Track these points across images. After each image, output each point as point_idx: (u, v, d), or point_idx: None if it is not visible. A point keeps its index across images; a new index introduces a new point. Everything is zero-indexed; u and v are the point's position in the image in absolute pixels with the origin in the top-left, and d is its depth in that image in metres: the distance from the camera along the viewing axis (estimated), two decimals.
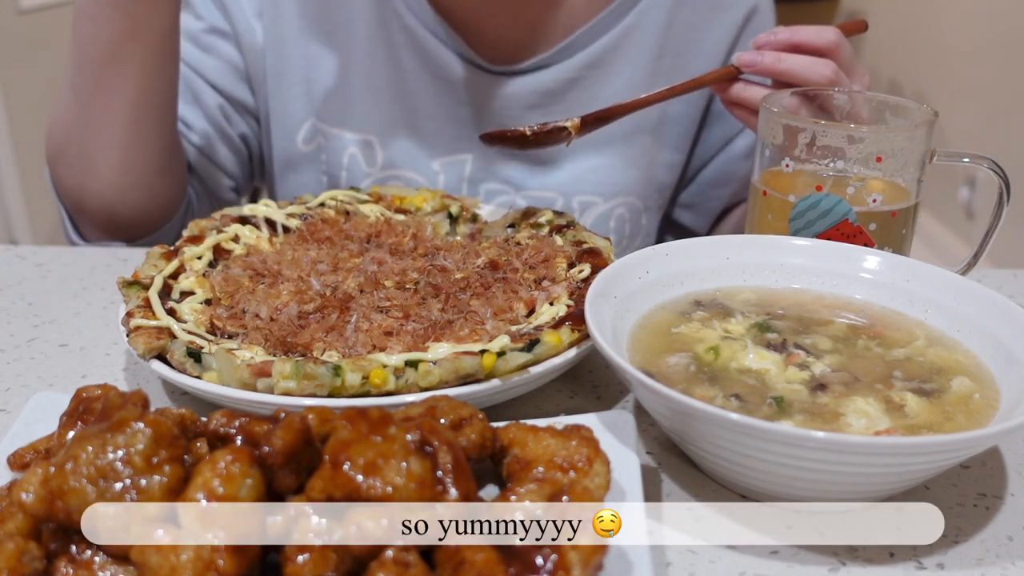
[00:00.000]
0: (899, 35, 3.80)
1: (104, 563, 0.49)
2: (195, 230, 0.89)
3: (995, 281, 1.02)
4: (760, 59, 0.90)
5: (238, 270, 0.83)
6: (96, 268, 1.02)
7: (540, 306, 0.77)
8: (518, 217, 0.96)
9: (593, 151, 1.16)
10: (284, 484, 0.50)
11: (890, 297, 0.76)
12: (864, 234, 0.80)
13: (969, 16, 3.23)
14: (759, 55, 0.90)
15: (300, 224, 0.93)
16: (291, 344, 0.72)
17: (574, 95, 1.16)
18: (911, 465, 0.57)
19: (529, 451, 0.57)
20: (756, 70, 0.91)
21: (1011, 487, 0.66)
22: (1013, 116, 2.93)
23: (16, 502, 0.49)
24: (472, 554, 0.47)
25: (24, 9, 3.03)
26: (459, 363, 0.66)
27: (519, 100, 1.15)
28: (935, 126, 0.81)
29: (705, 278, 0.78)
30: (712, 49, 1.18)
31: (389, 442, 0.49)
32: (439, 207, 0.97)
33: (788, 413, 0.62)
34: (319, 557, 0.47)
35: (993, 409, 0.63)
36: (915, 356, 0.70)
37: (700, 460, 0.65)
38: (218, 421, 0.54)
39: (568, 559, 0.47)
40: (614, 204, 1.19)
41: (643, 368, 0.66)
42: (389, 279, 0.81)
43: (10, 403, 0.76)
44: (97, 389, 0.59)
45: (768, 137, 0.84)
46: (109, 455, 0.49)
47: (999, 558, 0.59)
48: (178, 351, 0.70)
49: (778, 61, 0.90)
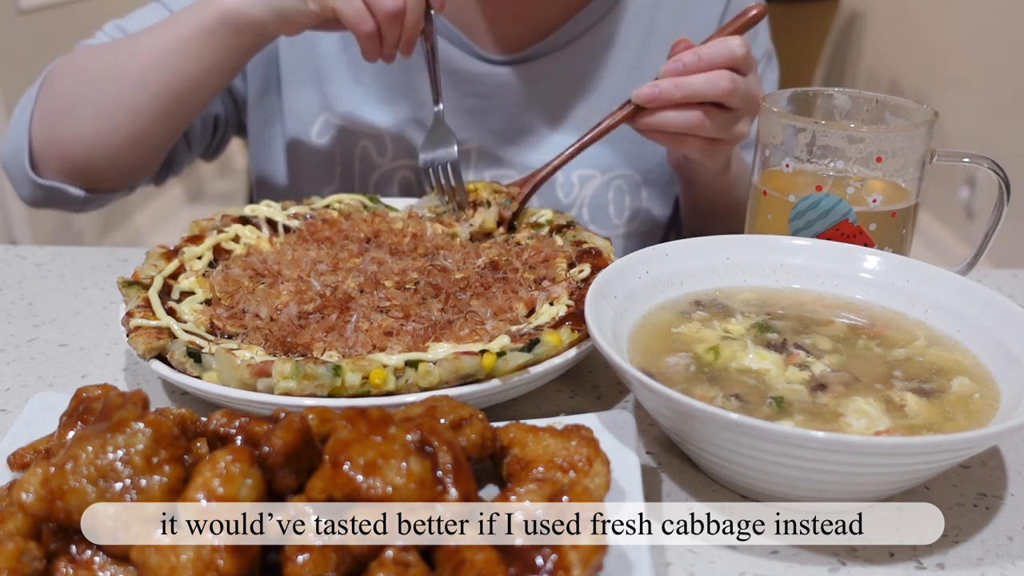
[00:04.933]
0: (899, 35, 3.80)
1: (104, 563, 0.49)
2: (195, 230, 0.89)
3: (995, 281, 1.02)
4: (657, 92, 0.92)
5: (238, 270, 0.83)
6: (96, 268, 1.02)
7: (540, 306, 0.77)
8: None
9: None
10: (284, 484, 0.50)
11: (890, 297, 0.76)
12: (864, 234, 0.80)
13: (969, 16, 3.23)
14: (655, 88, 0.92)
15: (300, 224, 0.93)
16: (291, 344, 0.72)
17: (572, 79, 1.19)
18: (911, 465, 0.57)
19: (529, 451, 0.57)
20: (658, 103, 0.93)
21: (1011, 487, 0.66)
22: (1013, 116, 2.93)
23: (16, 502, 0.49)
24: (472, 554, 0.47)
25: (24, 9, 3.04)
26: (459, 363, 0.66)
27: (520, 88, 1.18)
28: (935, 126, 0.81)
29: (705, 278, 0.78)
30: (698, 26, 1.20)
31: (389, 442, 0.49)
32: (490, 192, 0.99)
33: (788, 413, 0.62)
34: (319, 557, 0.47)
35: (993, 409, 0.63)
36: (915, 356, 0.70)
37: (700, 460, 0.65)
38: (218, 421, 0.54)
39: (568, 559, 0.47)
40: (611, 176, 1.21)
41: (643, 368, 0.66)
42: (389, 279, 0.81)
43: (10, 403, 0.76)
44: (97, 389, 0.59)
45: (768, 137, 0.84)
46: (109, 455, 0.49)
47: (999, 558, 0.59)
48: (178, 351, 0.70)
49: (676, 88, 0.92)
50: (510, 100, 1.19)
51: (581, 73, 1.20)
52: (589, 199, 1.20)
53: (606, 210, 1.21)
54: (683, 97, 0.92)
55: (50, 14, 3.17)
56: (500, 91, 1.19)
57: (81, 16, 3.33)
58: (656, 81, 0.93)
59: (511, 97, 1.19)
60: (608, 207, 1.21)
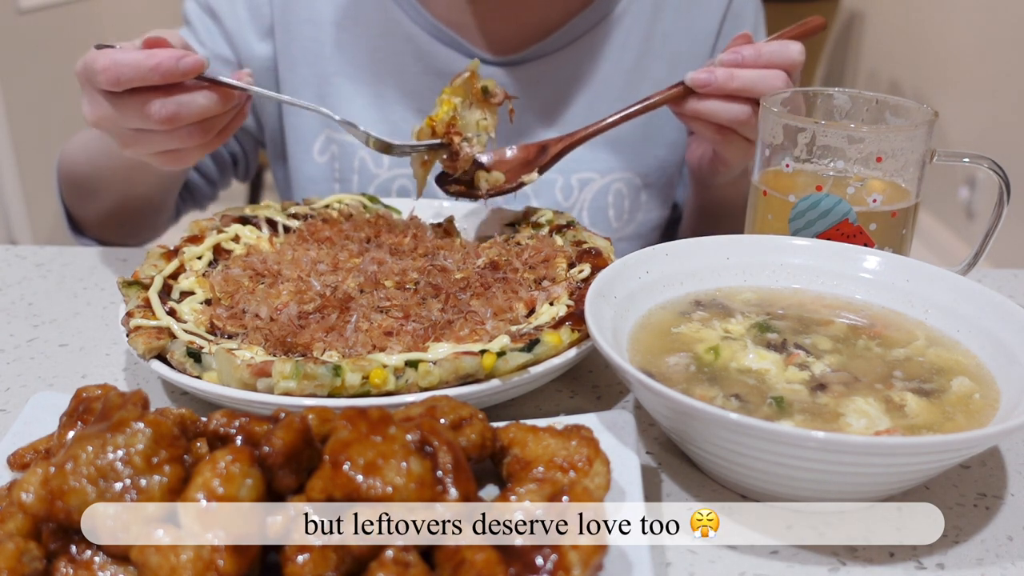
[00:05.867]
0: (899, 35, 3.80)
1: (104, 563, 0.49)
2: (195, 230, 0.89)
3: (995, 281, 1.02)
4: (713, 78, 0.90)
5: (238, 270, 0.83)
6: (96, 268, 1.02)
7: (540, 306, 0.77)
8: (518, 217, 0.96)
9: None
10: (284, 484, 0.50)
11: (890, 297, 0.76)
12: (864, 234, 0.80)
13: (969, 16, 3.23)
14: (711, 74, 0.91)
15: (300, 224, 0.93)
16: (291, 344, 0.72)
17: (570, 81, 1.19)
18: (911, 465, 0.57)
19: (529, 451, 0.57)
20: (710, 90, 0.91)
21: (1011, 487, 0.66)
22: (1013, 116, 2.93)
23: (16, 502, 0.49)
24: (472, 554, 0.47)
25: (24, 9, 3.04)
26: (459, 363, 0.66)
27: (518, 90, 1.18)
28: (935, 126, 0.81)
29: (705, 278, 0.78)
30: (700, 29, 1.20)
31: (389, 442, 0.49)
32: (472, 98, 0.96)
33: (788, 413, 0.62)
34: (319, 557, 0.47)
35: (993, 409, 0.63)
36: (915, 356, 0.70)
37: (700, 460, 0.65)
38: (218, 421, 0.54)
39: (568, 559, 0.47)
40: (611, 179, 1.20)
41: (643, 368, 0.66)
42: (389, 279, 0.81)
43: (10, 403, 0.76)
44: (97, 389, 0.59)
45: (768, 137, 0.84)
46: (109, 455, 0.49)
47: (999, 558, 0.59)
48: (178, 351, 0.70)
49: (731, 79, 0.90)
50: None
51: (578, 76, 1.19)
52: (589, 202, 1.20)
53: (605, 213, 1.21)
54: (736, 89, 0.90)
55: (50, 14, 3.17)
56: None
57: (81, 16, 3.33)
58: (711, 67, 0.91)
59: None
60: (608, 210, 1.21)
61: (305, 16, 1.18)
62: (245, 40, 1.19)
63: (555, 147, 0.96)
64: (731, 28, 1.21)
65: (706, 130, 0.95)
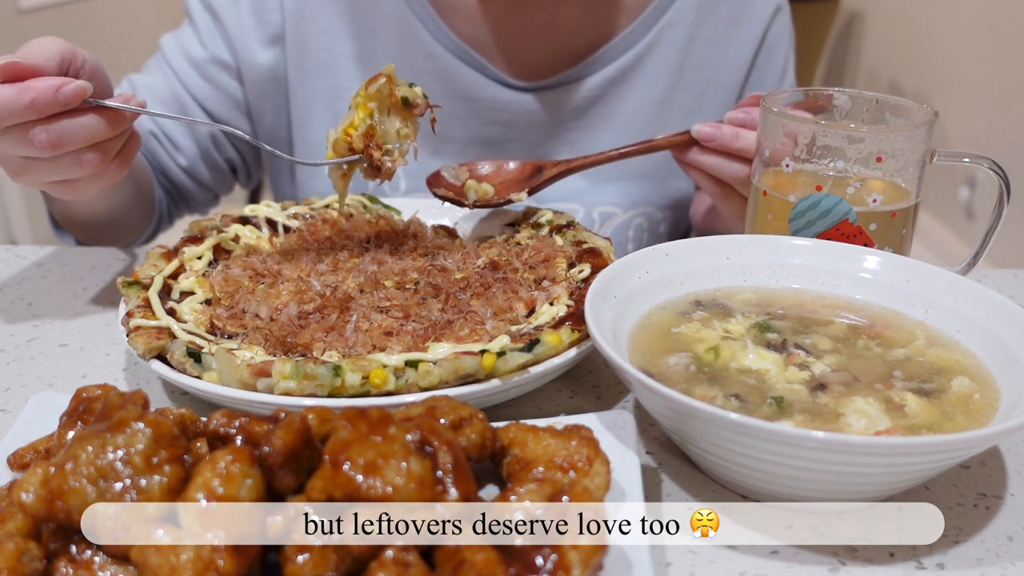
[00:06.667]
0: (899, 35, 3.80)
1: (104, 563, 0.49)
2: (195, 230, 0.89)
3: (995, 281, 1.02)
4: (719, 134, 0.92)
5: (238, 270, 0.83)
6: (96, 268, 1.02)
7: (540, 306, 0.77)
8: (519, 217, 0.96)
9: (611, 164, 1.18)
10: (284, 484, 0.50)
11: (890, 297, 0.76)
12: (864, 234, 0.80)
13: (969, 16, 3.23)
14: (718, 129, 0.92)
15: (300, 224, 0.93)
16: (291, 344, 0.72)
17: (597, 109, 1.17)
18: (911, 465, 0.57)
19: (529, 451, 0.57)
20: (713, 145, 0.92)
21: (1011, 487, 0.66)
22: (1013, 116, 2.93)
23: (16, 502, 0.49)
24: (472, 554, 0.47)
25: (24, 9, 3.03)
26: (459, 363, 0.66)
27: (543, 116, 1.16)
28: (935, 126, 0.81)
29: (705, 278, 0.78)
30: (734, 62, 1.19)
31: (389, 442, 0.49)
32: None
33: (788, 413, 0.62)
34: (319, 557, 0.47)
35: (993, 409, 0.63)
36: (915, 356, 0.70)
37: (700, 460, 0.65)
38: (218, 421, 0.54)
39: (568, 559, 0.47)
40: (633, 215, 1.20)
41: (643, 368, 0.66)
42: (389, 279, 0.81)
43: (10, 403, 0.76)
44: (97, 389, 0.59)
45: (768, 137, 0.84)
46: (109, 455, 0.49)
47: (999, 558, 0.59)
48: (178, 351, 0.70)
49: (735, 138, 0.91)
50: (534, 129, 1.16)
51: (605, 106, 1.17)
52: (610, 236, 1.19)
53: (625, 248, 1.20)
54: (739, 149, 0.91)
55: (50, 14, 3.16)
56: (523, 119, 1.16)
57: (81, 16, 3.33)
58: (719, 123, 0.93)
59: (535, 126, 1.16)
60: (627, 244, 1.20)
61: (320, 27, 1.15)
62: (247, 46, 1.15)
63: (550, 171, 0.97)
64: (765, 60, 1.20)
65: (705, 182, 0.96)
